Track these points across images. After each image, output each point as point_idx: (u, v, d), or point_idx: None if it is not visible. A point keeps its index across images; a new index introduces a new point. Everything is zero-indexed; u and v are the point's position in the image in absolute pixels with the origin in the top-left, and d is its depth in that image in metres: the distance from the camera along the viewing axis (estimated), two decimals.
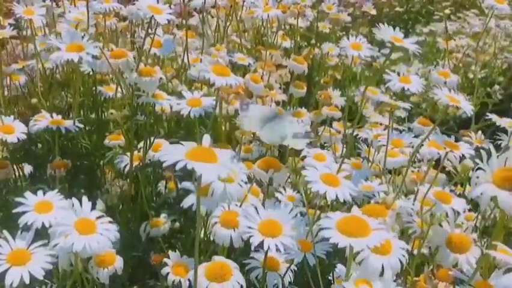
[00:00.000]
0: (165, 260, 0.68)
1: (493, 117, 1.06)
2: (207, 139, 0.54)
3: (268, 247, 0.59)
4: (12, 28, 1.33)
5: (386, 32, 0.74)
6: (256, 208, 0.62)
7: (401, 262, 0.57)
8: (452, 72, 1.18)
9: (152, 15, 0.84)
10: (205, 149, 0.52)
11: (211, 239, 0.69)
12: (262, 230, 0.61)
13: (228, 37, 1.41)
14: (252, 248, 0.60)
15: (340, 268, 0.66)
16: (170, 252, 0.68)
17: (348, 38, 0.97)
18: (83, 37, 0.87)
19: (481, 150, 0.55)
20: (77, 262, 0.62)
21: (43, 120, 0.96)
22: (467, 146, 0.77)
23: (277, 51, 1.34)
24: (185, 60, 1.20)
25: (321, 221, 0.55)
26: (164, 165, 0.48)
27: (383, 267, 0.56)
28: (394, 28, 0.75)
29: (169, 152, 0.49)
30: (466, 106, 0.75)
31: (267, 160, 0.77)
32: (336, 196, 0.62)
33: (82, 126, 0.99)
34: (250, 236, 0.60)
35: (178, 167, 0.47)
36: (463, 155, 0.75)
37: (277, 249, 0.59)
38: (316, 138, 0.80)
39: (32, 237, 0.62)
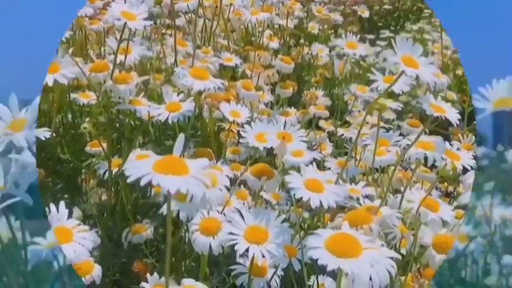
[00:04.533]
0: (143, 284, 0.66)
1: None
2: (180, 142, 0.51)
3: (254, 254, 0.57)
4: None
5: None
6: (241, 214, 0.60)
7: (389, 272, 0.54)
8: (440, 69, 1.17)
9: (126, 22, 0.81)
10: (175, 159, 0.49)
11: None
12: (247, 236, 0.59)
13: (215, 37, 1.40)
14: (237, 255, 0.59)
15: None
16: (148, 276, 0.66)
17: (339, 37, 0.94)
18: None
19: None
20: None
21: None
22: (468, 155, 0.72)
23: (265, 53, 1.33)
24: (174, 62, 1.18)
25: (308, 240, 0.53)
26: (128, 180, 0.44)
27: (370, 278, 0.53)
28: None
29: (135, 166, 0.45)
30: (452, 115, 0.70)
31: (259, 167, 0.75)
32: (321, 202, 0.61)
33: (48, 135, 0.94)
34: (235, 243, 0.58)
35: (142, 182, 0.43)
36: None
37: (263, 256, 0.58)
38: None
39: None
